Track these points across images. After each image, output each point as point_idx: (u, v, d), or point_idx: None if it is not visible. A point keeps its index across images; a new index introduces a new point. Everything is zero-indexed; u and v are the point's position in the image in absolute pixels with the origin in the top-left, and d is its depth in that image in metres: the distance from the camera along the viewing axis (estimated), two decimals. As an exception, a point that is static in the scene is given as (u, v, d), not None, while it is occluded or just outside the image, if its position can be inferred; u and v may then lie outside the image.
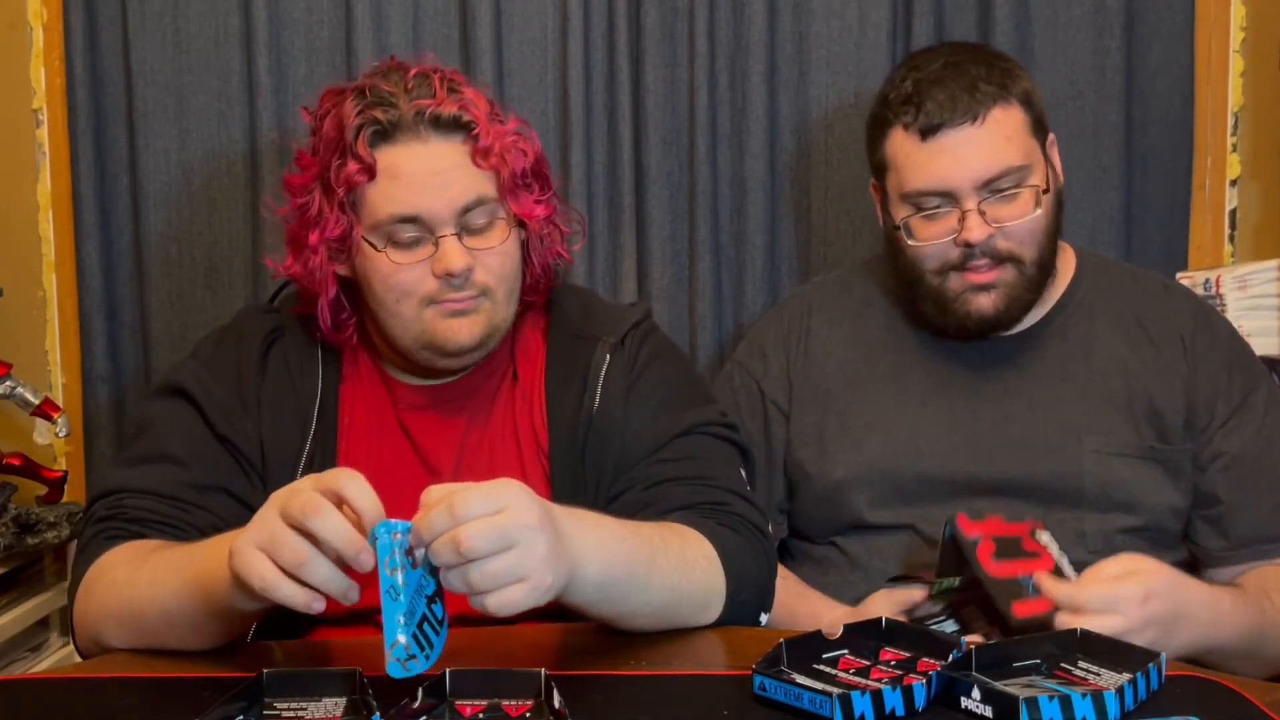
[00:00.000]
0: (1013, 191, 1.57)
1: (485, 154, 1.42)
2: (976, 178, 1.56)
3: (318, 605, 1.08)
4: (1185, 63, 2.03)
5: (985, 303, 1.60)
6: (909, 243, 1.61)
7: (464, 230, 1.41)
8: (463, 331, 1.43)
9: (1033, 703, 1.04)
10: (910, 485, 1.63)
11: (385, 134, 1.40)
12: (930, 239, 1.59)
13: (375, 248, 1.42)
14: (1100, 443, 1.62)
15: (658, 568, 1.24)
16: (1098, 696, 1.05)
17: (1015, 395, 1.65)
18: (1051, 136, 1.66)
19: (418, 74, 1.43)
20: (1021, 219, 1.57)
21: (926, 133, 1.57)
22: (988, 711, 1.06)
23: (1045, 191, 1.58)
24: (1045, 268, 1.62)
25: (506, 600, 1.06)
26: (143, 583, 1.25)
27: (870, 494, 1.64)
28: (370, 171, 1.40)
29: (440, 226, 1.40)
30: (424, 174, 1.40)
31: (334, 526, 1.06)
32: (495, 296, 1.44)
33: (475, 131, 1.41)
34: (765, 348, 1.77)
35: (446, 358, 1.44)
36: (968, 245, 1.57)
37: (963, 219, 1.56)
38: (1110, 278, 1.73)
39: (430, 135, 1.41)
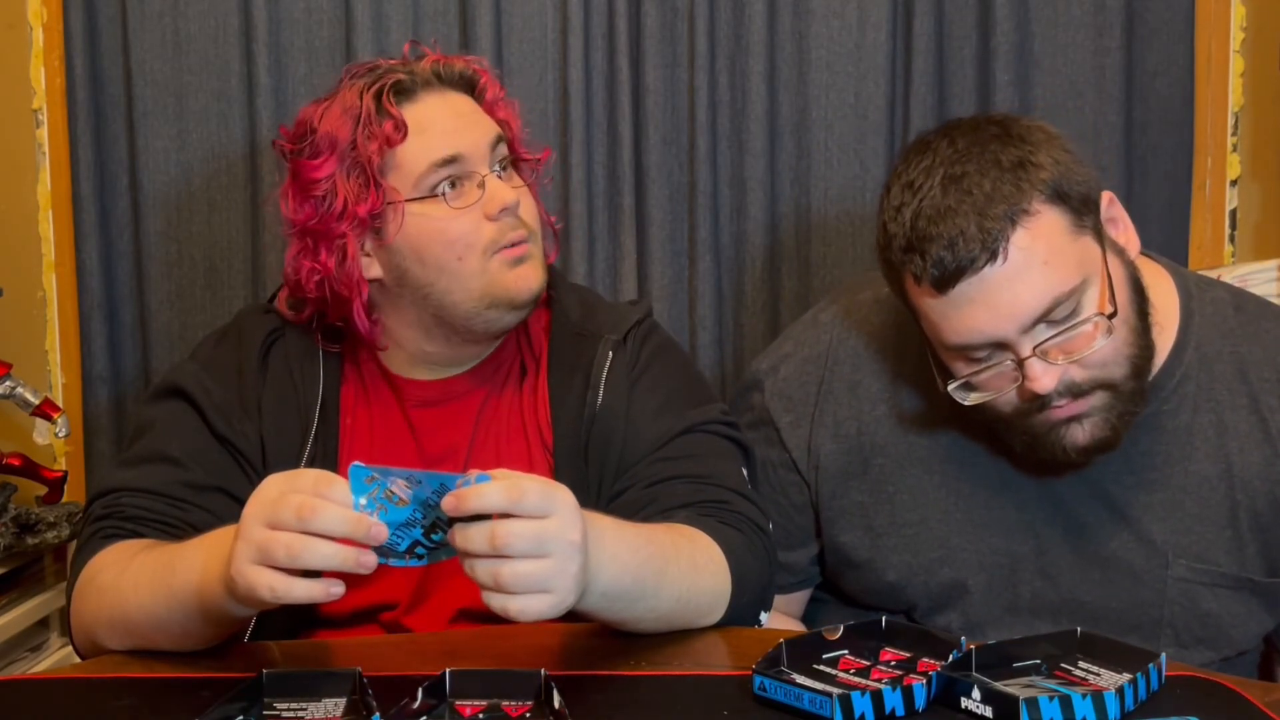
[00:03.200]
0: (1072, 321, 1.29)
1: (493, 107, 1.48)
2: (1020, 323, 1.28)
3: (336, 590, 1.07)
4: (1185, 63, 2.02)
5: (1080, 434, 1.33)
6: (968, 400, 1.35)
7: (497, 170, 1.45)
8: (531, 277, 1.44)
9: (1033, 703, 1.04)
10: (969, 599, 1.46)
11: (407, 92, 1.43)
12: (993, 390, 1.33)
13: (429, 196, 1.41)
14: (1191, 570, 1.40)
15: (668, 577, 1.23)
16: (1098, 696, 1.05)
17: (1095, 501, 1.42)
18: (1108, 196, 1.35)
19: (411, 45, 1.53)
20: (1092, 348, 1.30)
21: (941, 285, 1.28)
22: (988, 711, 1.06)
23: (1112, 315, 1.29)
24: (1144, 373, 1.35)
25: (529, 608, 1.06)
26: (127, 588, 1.24)
27: (926, 602, 1.48)
28: (404, 128, 1.41)
29: (480, 164, 1.43)
30: (451, 117, 1.44)
31: (338, 518, 1.05)
32: (538, 240, 1.47)
33: (482, 84, 1.48)
34: (793, 395, 1.53)
35: (515, 311, 1.44)
36: (1036, 397, 1.31)
37: (1021, 367, 1.30)
38: (1222, 335, 1.43)
39: (445, 88, 1.46)
